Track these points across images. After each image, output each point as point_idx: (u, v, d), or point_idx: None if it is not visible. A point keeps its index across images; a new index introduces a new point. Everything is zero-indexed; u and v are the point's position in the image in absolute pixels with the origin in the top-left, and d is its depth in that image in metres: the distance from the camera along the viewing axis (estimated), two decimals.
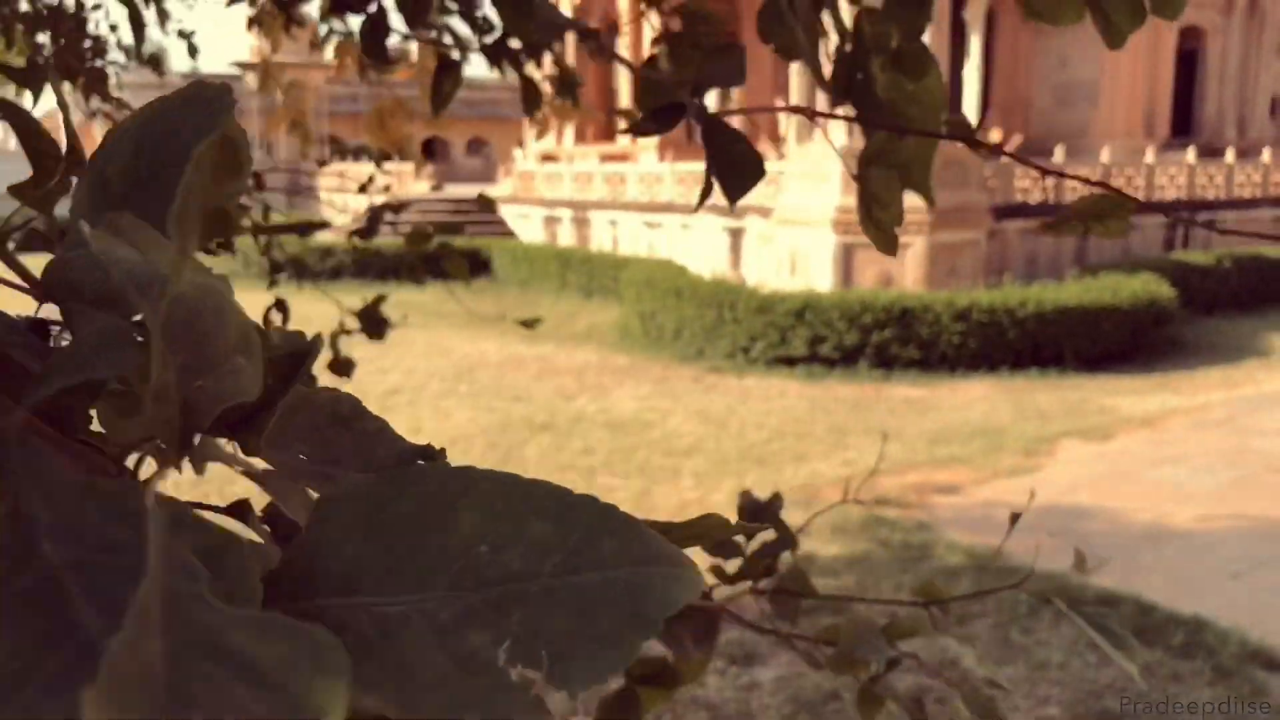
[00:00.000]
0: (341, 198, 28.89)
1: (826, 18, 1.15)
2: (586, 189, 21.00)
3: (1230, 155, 18.69)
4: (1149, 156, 17.65)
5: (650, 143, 23.71)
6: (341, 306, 2.34)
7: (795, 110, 0.97)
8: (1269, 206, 18.97)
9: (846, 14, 1.16)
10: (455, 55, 1.80)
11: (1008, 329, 11.50)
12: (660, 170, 19.01)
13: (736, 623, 0.95)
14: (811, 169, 14.44)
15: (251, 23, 3.26)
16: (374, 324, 2.09)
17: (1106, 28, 0.97)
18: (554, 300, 17.29)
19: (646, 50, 1.38)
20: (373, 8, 1.75)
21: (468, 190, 24.52)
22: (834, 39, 1.14)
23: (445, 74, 1.58)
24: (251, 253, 16.44)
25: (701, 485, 7.56)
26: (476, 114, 37.12)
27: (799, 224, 14.58)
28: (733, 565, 1.16)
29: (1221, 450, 8.44)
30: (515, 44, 1.84)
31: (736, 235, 16.93)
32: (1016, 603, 5.34)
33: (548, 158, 24.39)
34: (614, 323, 14.85)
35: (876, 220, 0.97)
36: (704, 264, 17.51)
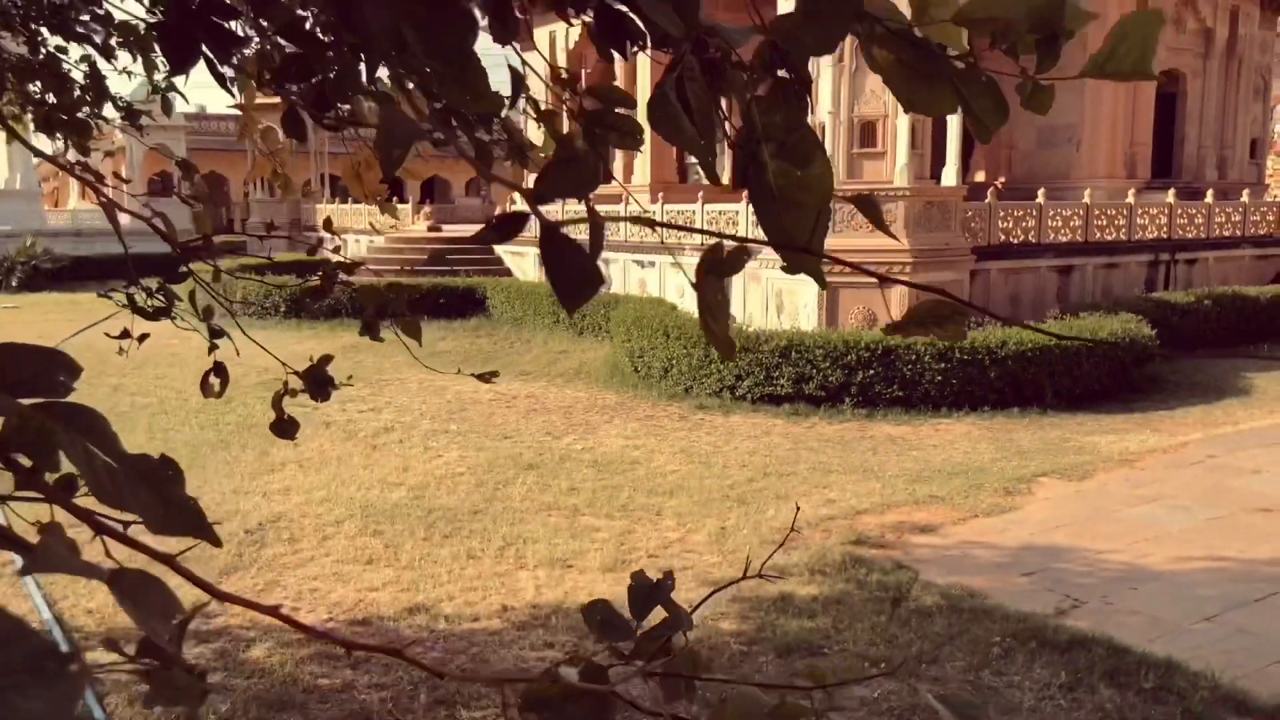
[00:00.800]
0: (349, 237, 29.01)
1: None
2: (579, 229, 21.19)
3: (1210, 196, 18.98)
4: (1130, 197, 17.91)
5: (644, 181, 24.01)
6: (286, 366, 2.43)
7: (638, 221, 1.08)
8: (1249, 246, 19.24)
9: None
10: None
11: (989, 368, 11.65)
12: (652, 211, 19.22)
13: (630, 706, 1.01)
14: None
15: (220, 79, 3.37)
16: (318, 385, 2.18)
17: (975, 124, 1.08)
18: (546, 337, 17.42)
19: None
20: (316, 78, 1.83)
21: (467, 230, 24.73)
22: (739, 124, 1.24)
23: (393, 133, 1.67)
24: (252, 290, 16.39)
25: (683, 525, 7.65)
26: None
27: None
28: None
29: (1199, 489, 8.56)
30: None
31: None
32: (989, 644, 5.43)
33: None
34: (604, 360, 14.97)
35: (711, 330, 1.04)
36: (695, 302, 17.64)
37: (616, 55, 1.58)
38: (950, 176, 14.67)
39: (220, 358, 2.68)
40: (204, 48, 1.46)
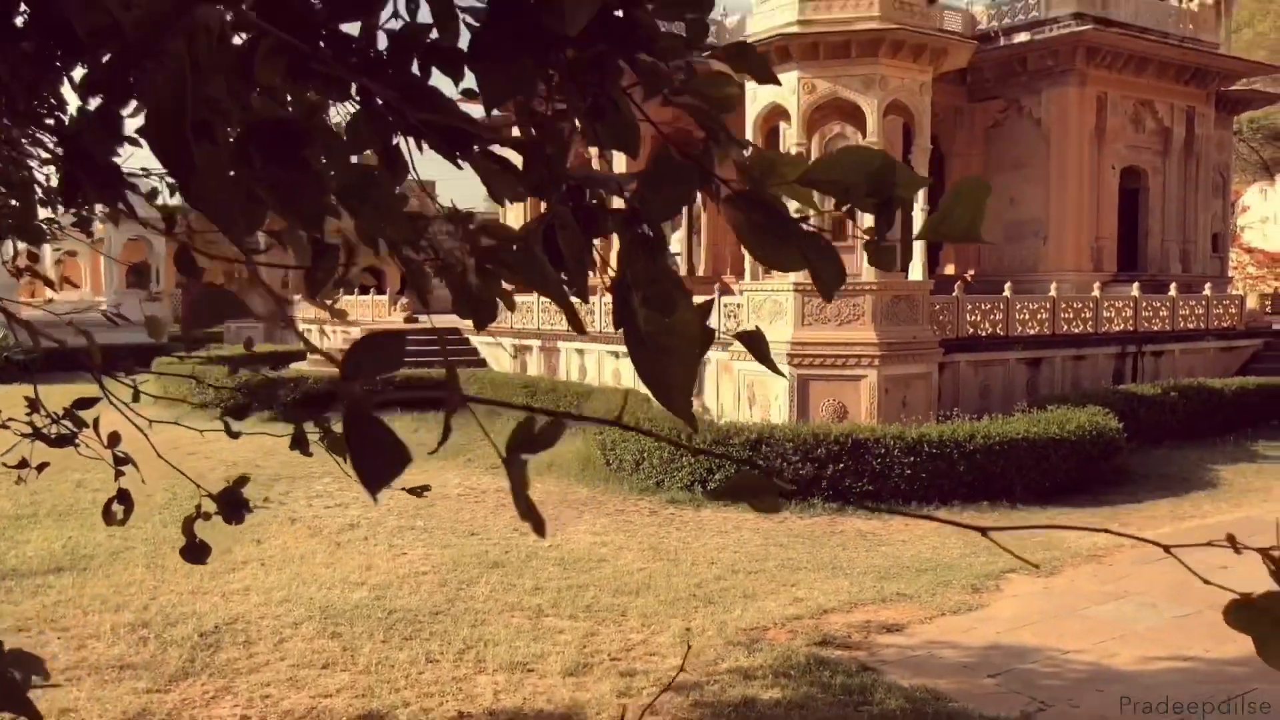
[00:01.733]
0: (329, 328, 29.00)
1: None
2: (555, 319, 21.33)
3: (1174, 289, 19.36)
4: (1096, 290, 18.24)
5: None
6: (200, 488, 2.41)
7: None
8: (1213, 339, 19.56)
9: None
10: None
11: (958, 461, 11.68)
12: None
13: None
14: (767, 302, 14.83)
15: None
16: (232, 507, 2.17)
17: (818, 281, 1.11)
18: None
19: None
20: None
21: (445, 321, 24.82)
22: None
23: (319, 260, 1.69)
24: (224, 382, 16.23)
25: (648, 625, 7.54)
26: None
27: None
28: None
29: (1166, 586, 8.52)
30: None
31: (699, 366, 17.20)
32: None
33: (518, 290, 24.80)
34: (576, 453, 14.91)
35: (521, 508, 1.00)
36: None
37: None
38: (916, 271, 14.93)
39: (194, 451, 2.66)
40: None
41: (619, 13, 1.09)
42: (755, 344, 1.35)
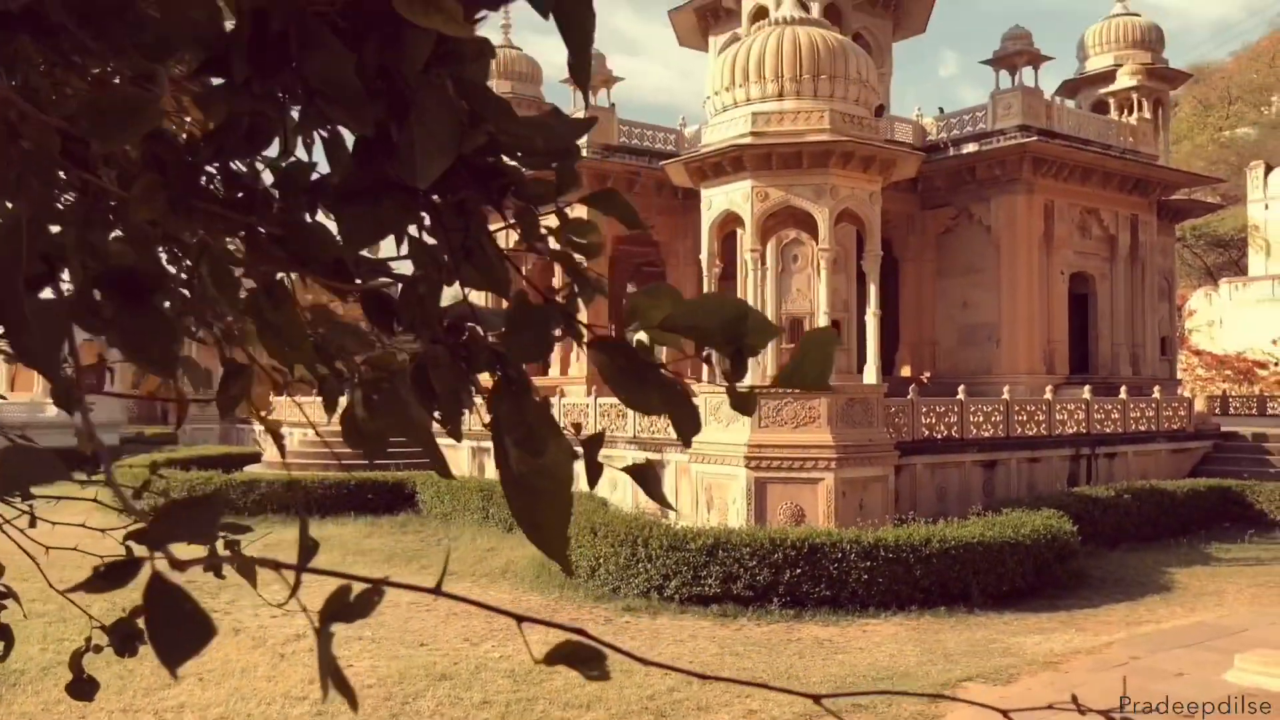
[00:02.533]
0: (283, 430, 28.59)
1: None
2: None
3: (1124, 392, 19.70)
4: (1048, 393, 18.51)
5: (580, 374, 24.27)
6: (93, 620, 2.33)
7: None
8: (1164, 440, 19.84)
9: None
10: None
11: (914, 566, 11.62)
12: (586, 403, 19.37)
13: None
14: (723, 405, 14.87)
15: None
16: (123, 640, 2.09)
17: (676, 429, 1.11)
18: (475, 534, 17.11)
19: None
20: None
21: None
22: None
23: (232, 379, 1.66)
24: (176, 485, 15.81)
25: None
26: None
27: (714, 459, 14.86)
28: None
29: (1121, 693, 8.45)
30: None
31: (657, 468, 17.13)
32: None
33: (477, 390, 24.72)
34: (531, 559, 14.66)
35: (329, 675, 0.96)
36: (628, 497, 17.59)
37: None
38: (870, 375, 15.09)
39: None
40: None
41: (485, 159, 1.11)
42: (646, 480, 1.34)
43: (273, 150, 1.33)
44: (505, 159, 1.11)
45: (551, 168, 1.14)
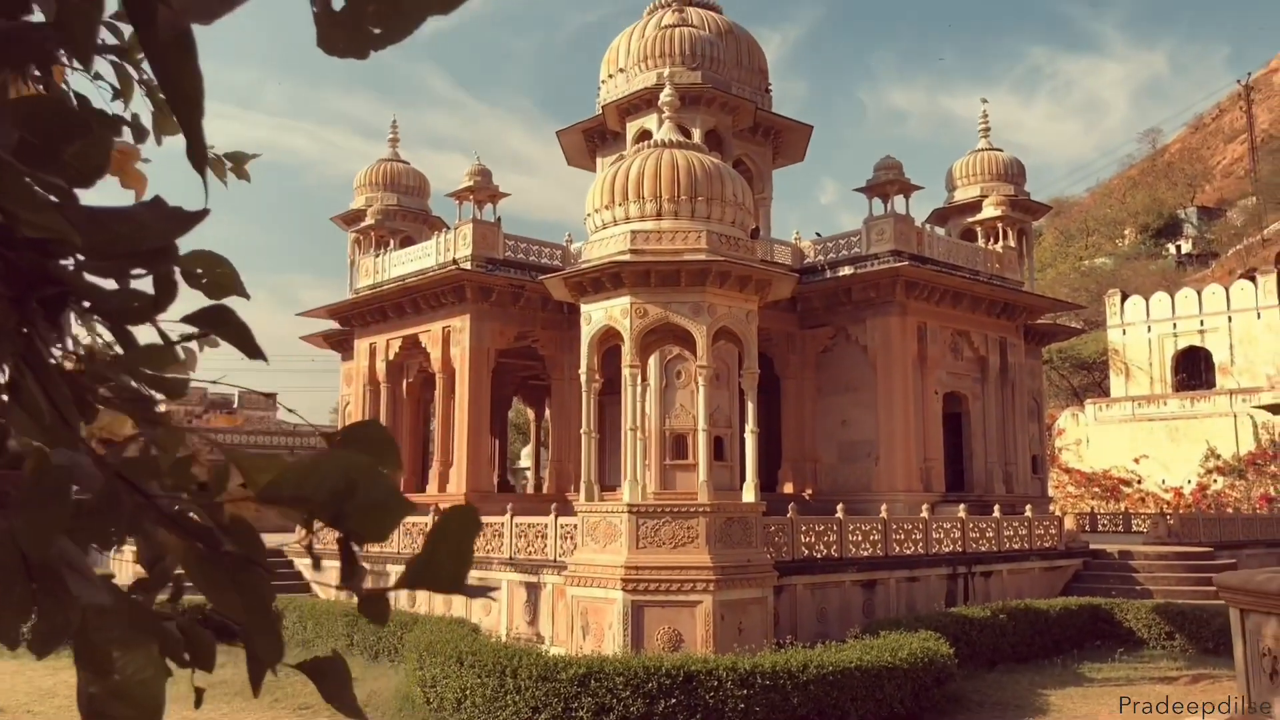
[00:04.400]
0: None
1: None
2: (386, 543, 20.37)
3: (998, 510, 20.03)
4: (925, 511, 18.67)
5: (459, 491, 23.48)
6: None
7: None
8: (1037, 559, 20.16)
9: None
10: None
11: (791, 693, 11.26)
12: None
13: None
14: (602, 524, 14.49)
15: None
16: None
17: (250, 658, 0.83)
18: None
19: None
20: None
21: (271, 540, 23.39)
22: None
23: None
24: None
25: None
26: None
27: (591, 581, 14.37)
28: None
29: None
30: None
31: (534, 590, 16.52)
32: None
33: None
34: (395, 690, 13.79)
35: None
36: (504, 621, 16.85)
37: None
38: (750, 493, 14.94)
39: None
40: None
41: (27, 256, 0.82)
42: (325, 679, 1.04)
43: None
44: (59, 261, 0.82)
45: (134, 276, 0.86)
